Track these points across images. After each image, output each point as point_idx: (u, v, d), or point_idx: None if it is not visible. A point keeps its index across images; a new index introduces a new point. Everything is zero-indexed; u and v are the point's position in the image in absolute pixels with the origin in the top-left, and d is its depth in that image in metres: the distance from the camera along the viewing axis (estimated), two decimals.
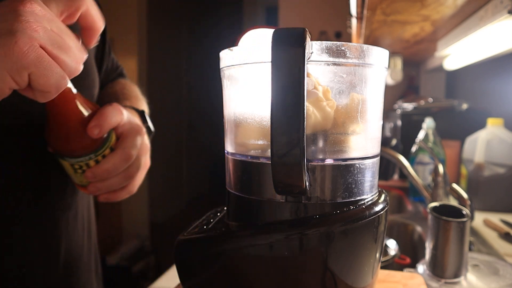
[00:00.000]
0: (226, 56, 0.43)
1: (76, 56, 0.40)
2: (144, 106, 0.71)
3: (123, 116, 0.52)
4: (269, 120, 0.34)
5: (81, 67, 0.41)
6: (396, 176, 1.60)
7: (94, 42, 0.45)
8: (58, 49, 0.38)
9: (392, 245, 0.87)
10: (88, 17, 0.43)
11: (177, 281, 0.48)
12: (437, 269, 0.64)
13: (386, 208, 0.42)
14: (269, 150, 0.34)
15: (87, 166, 0.50)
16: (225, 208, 0.46)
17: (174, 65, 4.45)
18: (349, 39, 2.17)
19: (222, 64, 0.44)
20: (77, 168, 0.51)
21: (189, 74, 4.83)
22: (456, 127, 1.48)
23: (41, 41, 0.37)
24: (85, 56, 0.42)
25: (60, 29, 0.39)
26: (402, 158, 0.96)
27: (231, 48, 0.42)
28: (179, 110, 4.71)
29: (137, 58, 3.12)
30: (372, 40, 1.46)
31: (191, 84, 4.89)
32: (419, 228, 1.08)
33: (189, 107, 4.89)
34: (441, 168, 0.95)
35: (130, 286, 2.61)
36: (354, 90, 0.39)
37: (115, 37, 2.99)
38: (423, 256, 0.70)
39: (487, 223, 1.06)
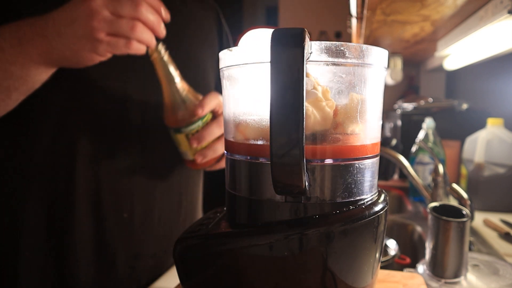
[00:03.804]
0: (226, 57, 0.43)
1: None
2: None
3: (220, 100, 0.66)
4: (269, 120, 0.34)
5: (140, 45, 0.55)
6: (396, 176, 1.60)
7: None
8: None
9: (392, 245, 0.87)
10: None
11: (177, 281, 0.48)
12: (437, 269, 0.64)
13: (386, 208, 0.42)
14: (269, 150, 0.34)
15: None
16: (225, 208, 0.46)
17: None
18: (349, 39, 2.17)
19: (222, 64, 0.44)
20: (189, 136, 0.65)
21: None
22: (456, 127, 1.48)
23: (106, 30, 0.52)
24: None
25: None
26: (402, 158, 0.96)
27: (230, 49, 0.42)
28: None
29: None
30: (372, 40, 1.46)
31: None
32: (419, 228, 1.08)
33: None
34: (441, 168, 0.95)
35: None
36: (353, 90, 0.39)
37: None
38: (423, 256, 0.70)
39: (487, 223, 1.06)
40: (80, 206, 0.65)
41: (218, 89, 0.53)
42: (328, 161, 0.38)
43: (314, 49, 0.36)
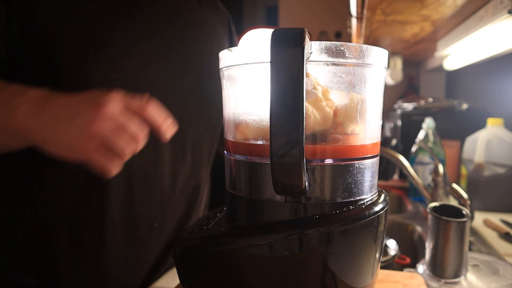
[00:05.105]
0: (226, 57, 0.43)
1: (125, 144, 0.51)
2: None
3: None
4: (269, 120, 0.34)
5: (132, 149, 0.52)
6: (396, 176, 1.60)
7: (165, 137, 0.54)
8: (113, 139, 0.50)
9: (392, 245, 0.87)
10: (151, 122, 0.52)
11: (177, 281, 0.48)
12: (437, 269, 0.64)
13: (386, 208, 0.42)
14: (269, 150, 0.34)
15: None
16: (225, 208, 0.46)
17: None
18: (349, 39, 2.17)
19: (222, 64, 0.44)
20: None
21: None
22: (456, 127, 1.48)
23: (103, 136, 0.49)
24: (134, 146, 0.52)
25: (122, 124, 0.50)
26: (402, 158, 0.96)
27: (230, 49, 0.42)
28: None
29: None
30: (372, 40, 1.46)
31: None
32: (419, 228, 1.08)
33: None
34: (441, 168, 0.95)
35: None
36: (353, 90, 0.39)
37: None
38: (423, 256, 0.70)
39: (487, 223, 1.06)
40: (112, 216, 0.65)
41: None
42: (328, 161, 0.38)
43: (314, 49, 0.36)
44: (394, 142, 1.26)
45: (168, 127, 0.54)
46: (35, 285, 0.64)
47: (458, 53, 1.42)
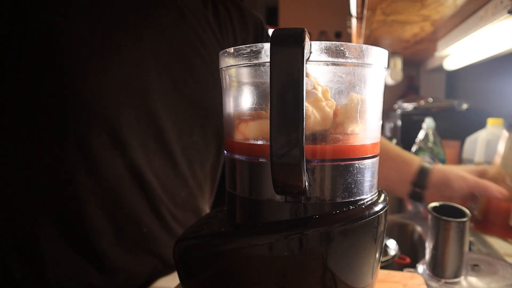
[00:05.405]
0: (226, 57, 0.43)
1: None
2: None
3: None
4: (269, 120, 0.34)
5: None
6: None
7: None
8: None
9: (392, 245, 0.87)
10: None
11: (177, 281, 0.48)
12: (437, 269, 0.64)
13: (386, 208, 0.42)
14: (269, 150, 0.34)
15: None
16: (225, 208, 0.46)
17: None
18: (349, 39, 2.17)
19: (222, 64, 0.44)
20: None
21: None
22: (456, 127, 1.48)
23: None
24: None
25: None
26: None
27: (230, 48, 0.42)
28: None
29: None
30: (372, 40, 1.46)
31: None
32: (419, 228, 1.08)
33: None
34: None
35: None
36: (353, 90, 0.39)
37: None
38: (423, 256, 0.70)
39: None
40: (98, 217, 0.65)
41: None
42: (328, 161, 0.38)
43: (314, 49, 0.36)
44: (394, 142, 1.26)
45: None
46: (29, 284, 0.64)
47: (458, 53, 1.42)
